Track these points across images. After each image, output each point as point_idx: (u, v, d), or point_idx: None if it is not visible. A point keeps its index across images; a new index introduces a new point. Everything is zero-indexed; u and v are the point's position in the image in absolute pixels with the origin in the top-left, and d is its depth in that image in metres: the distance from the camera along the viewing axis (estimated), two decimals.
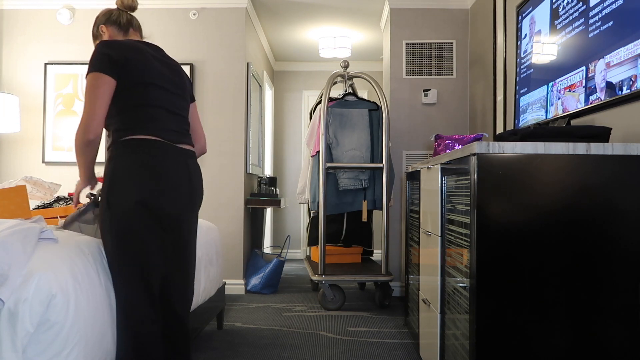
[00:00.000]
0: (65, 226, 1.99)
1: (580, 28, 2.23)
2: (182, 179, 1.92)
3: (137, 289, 1.80)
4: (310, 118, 4.66)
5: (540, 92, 2.63)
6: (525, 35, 2.87)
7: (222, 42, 4.51)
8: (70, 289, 1.55)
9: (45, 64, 4.47)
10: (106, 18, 2.06)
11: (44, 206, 2.65)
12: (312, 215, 4.76)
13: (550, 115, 2.50)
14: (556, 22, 2.47)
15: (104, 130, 1.89)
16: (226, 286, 3.46)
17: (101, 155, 2.09)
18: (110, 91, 1.82)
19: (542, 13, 2.65)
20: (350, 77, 4.34)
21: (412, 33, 4.48)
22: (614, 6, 1.99)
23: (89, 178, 1.95)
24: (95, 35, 2.07)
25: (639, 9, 1.85)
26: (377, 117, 4.18)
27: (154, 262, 1.84)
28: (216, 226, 3.29)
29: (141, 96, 1.86)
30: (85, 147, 1.80)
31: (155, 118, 1.87)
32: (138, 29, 2.11)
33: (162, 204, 1.83)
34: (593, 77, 2.13)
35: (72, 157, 4.44)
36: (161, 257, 1.88)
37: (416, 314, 2.82)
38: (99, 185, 1.97)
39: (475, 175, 1.64)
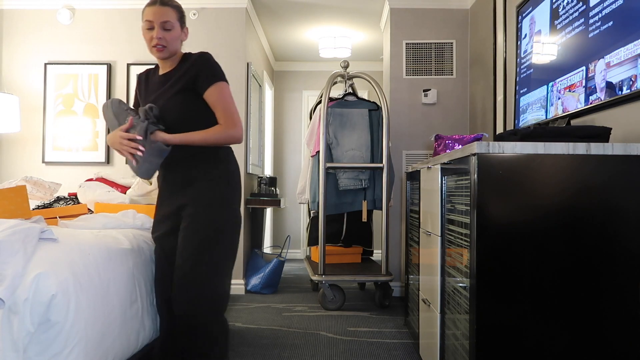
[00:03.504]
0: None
1: (580, 28, 2.23)
2: None
3: (231, 274, 2.10)
4: (310, 118, 4.66)
5: (540, 92, 2.63)
6: (525, 35, 2.87)
7: (222, 42, 4.51)
8: (71, 288, 1.55)
9: (45, 64, 4.47)
10: None
11: (44, 206, 2.64)
12: (312, 215, 4.76)
13: (550, 115, 2.51)
14: (556, 22, 2.47)
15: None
16: None
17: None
18: None
19: (542, 13, 2.65)
20: (350, 77, 4.34)
21: (412, 33, 4.48)
22: (613, 6, 1.99)
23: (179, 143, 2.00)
24: (182, 24, 2.10)
25: (639, 9, 1.85)
26: (377, 117, 4.18)
27: None
28: None
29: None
30: (235, 141, 1.99)
31: None
32: None
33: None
34: (593, 77, 2.13)
35: (72, 157, 4.44)
36: None
37: (416, 314, 2.82)
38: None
39: (475, 175, 1.64)
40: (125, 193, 2.90)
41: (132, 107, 2.04)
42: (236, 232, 2.04)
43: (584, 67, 2.20)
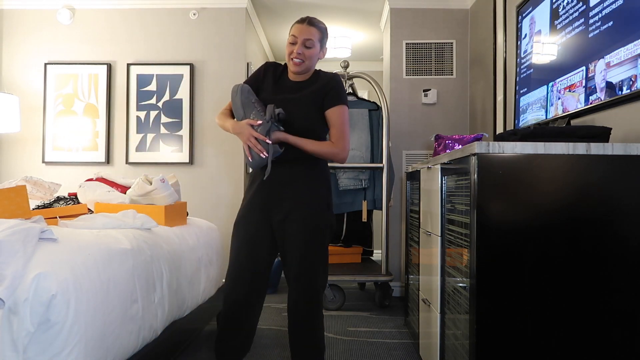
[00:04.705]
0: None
1: (580, 28, 2.23)
2: None
3: None
4: None
5: (540, 92, 2.63)
6: (525, 35, 2.87)
7: (222, 42, 4.51)
8: (71, 288, 1.55)
9: (45, 64, 4.47)
10: None
11: (44, 206, 2.64)
12: None
13: (550, 115, 2.51)
14: (556, 22, 2.47)
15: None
16: None
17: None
18: None
19: (542, 13, 2.65)
20: (351, 77, 4.34)
21: (412, 33, 4.48)
22: (613, 6, 1.99)
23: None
24: (322, 44, 2.21)
25: (639, 9, 1.85)
26: (377, 117, 4.18)
27: None
28: (216, 226, 3.29)
29: None
30: (339, 161, 2.16)
31: None
32: None
33: None
34: (593, 77, 2.13)
35: (72, 157, 4.44)
36: None
37: (416, 314, 2.82)
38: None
39: (475, 175, 1.65)
40: (125, 193, 2.90)
41: (259, 100, 2.17)
42: (332, 231, 2.22)
43: (584, 67, 2.20)
